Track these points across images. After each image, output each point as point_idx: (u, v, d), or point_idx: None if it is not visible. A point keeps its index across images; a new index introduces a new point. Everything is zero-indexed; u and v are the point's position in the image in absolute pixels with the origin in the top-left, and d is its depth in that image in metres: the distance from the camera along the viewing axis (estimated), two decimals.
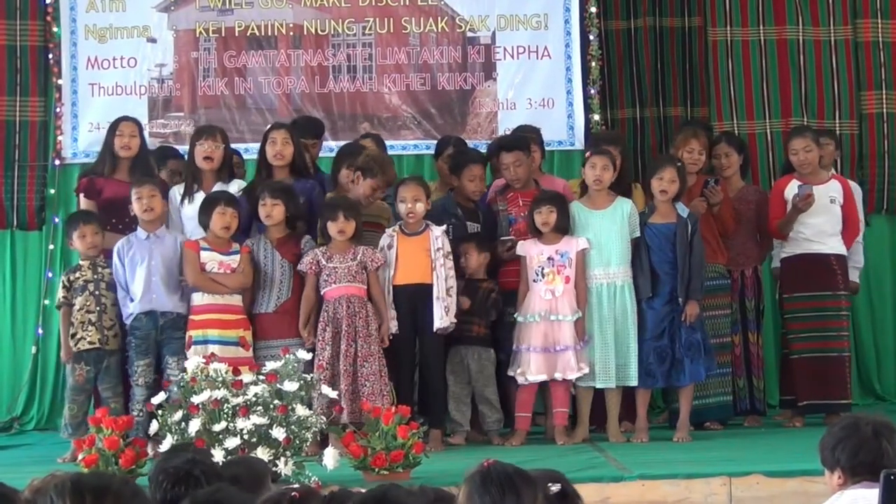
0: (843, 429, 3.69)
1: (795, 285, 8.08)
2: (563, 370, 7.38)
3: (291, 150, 7.68)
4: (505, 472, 3.10)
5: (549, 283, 7.43)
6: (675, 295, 7.47)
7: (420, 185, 7.45)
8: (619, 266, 7.50)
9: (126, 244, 7.39)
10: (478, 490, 3.07)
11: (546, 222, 7.43)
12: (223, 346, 7.11)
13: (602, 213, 7.54)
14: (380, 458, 5.94)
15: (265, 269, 7.34)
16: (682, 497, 5.81)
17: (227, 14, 9.37)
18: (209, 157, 7.68)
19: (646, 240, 7.52)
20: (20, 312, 9.39)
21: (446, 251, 7.32)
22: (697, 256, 7.51)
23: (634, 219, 7.52)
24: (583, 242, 7.46)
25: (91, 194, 7.85)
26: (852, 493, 3.60)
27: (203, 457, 3.84)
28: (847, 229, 8.14)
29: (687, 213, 7.53)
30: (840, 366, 8.04)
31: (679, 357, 7.44)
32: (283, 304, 7.34)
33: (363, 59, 9.39)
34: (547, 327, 7.41)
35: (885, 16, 9.53)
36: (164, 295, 7.32)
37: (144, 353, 7.27)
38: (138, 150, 7.87)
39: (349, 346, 7.12)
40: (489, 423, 7.51)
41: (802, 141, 8.14)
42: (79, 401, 7.39)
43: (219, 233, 7.29)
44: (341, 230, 7.20)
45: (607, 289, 7.49)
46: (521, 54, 9.37)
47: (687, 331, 7.45)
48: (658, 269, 7.51)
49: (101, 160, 7.96)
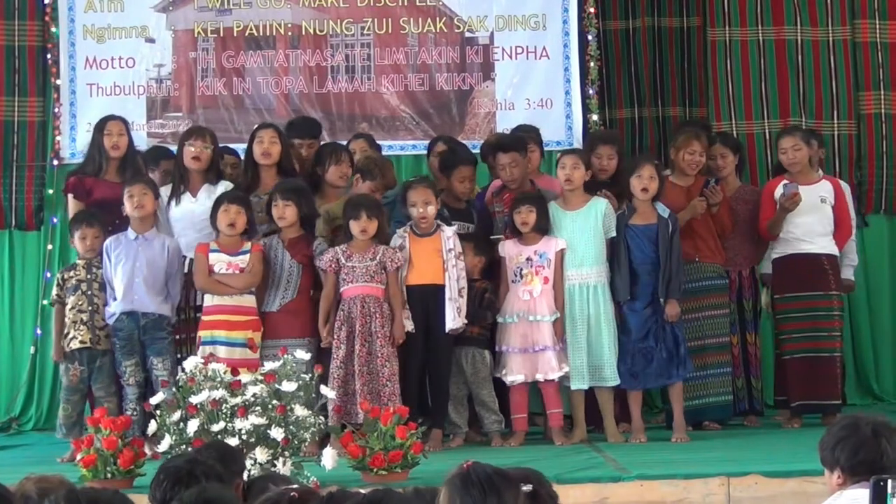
0: (843, 428, 3.70)
1: (787, 286, 8.07)
2: (544, 371, 7.39)
3: (279, 150, 7.68)
4: (485, 472, 3.10)
5: (527, 283, 7.44)
6: (657, 296, 7.46)
7: (429, 188, 7.43)
8: (592, 267, 7.49)
9: (114, 242, 7.38)
10: (458, 492, 3.06)
11: (525, 222, 7.43)
12: (230, 348, 7.12)
13: (575, 214, 7.54)
14: (378, 458, 5.94)
15: (274, 269, 7.35)
16: (681, 497, 5.81)
17: (226, 14, 9.37)
18: (197, 158, 7.67)
19: (626, 241, 7.51)
20: (18, 313, 9.39)
21: (458, 252, 7.32)
22: (677, 256, 7.50)
23: (610, 219, 7.50)
24: (561, 243, 7.46)
25: (80, 195, 7.83)
26: (852, 493, 3.60)
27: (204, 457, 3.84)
28: (839, 230, 8.12)
29: (668, 213, 7.53)
30: (831, 366, 8.03)
31: (664, 357, 7.44)
32: (287, 303, 7.34)
33: (361, 59, 9.39)
34: (526, 328, 7.41)
35: (883, 16, 9.54)
36: (146, 296, 7.29)
37: (129, 353, 7.27)
38: (126, 149, 7.85)
39: (363, 346, 7.12)
40: (488, 425, 7.51)
41: (791, 140, 8.14)
42: (73, 401, 7.39)
43: (225, 230, 7.28)
44: (364, 229, 7.20)
45: (580, 290, 7.48)
46: (520, 55, 9.37)
47: (670, 330, 7.44)
48: (639, 269, 7.50)
49: (90, 160, 7.93)
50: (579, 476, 5.92)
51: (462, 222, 7.73)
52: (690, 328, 7.74)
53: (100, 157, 7.82)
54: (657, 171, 7.54)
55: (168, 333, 7.33)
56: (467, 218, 7.81)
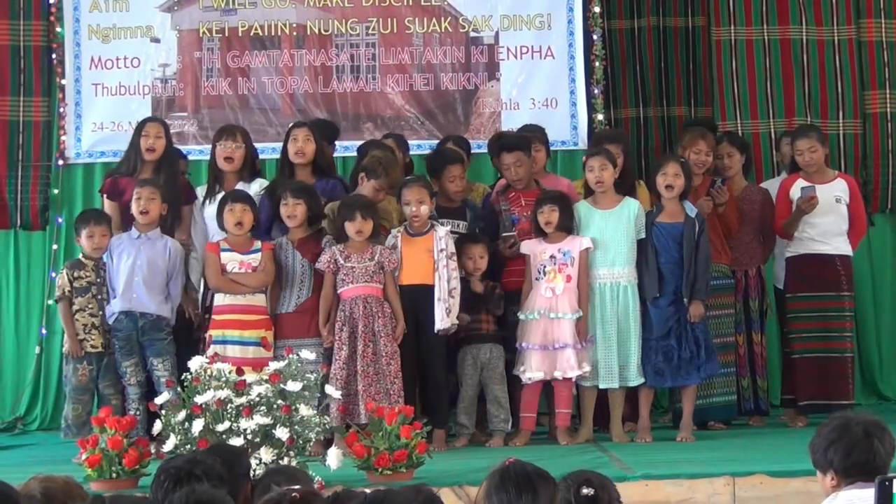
0: (834, 430, 3.68)
1: (799, 285, 8.07)
2: (563, 369, 7.38)
3: (313, 148, 7.69)
4: (524, 471, 3.16)
5: (549, 280, 7.44)
6: (680, 295, 7.47)
7: (424, 187, 7.44)
8: (623, 266, 7.50)
9: (117, 241, 7.39)
10: (495, 487, 3.13)
11: (549, 222, 7.44)
12: (243, 347, 7.13)
13: (608, 213, 7.55)
14: (383, 458, 5.94)
15: (286, 269, 7.36)
16: (686, 497, 5.81)
17: (231, 14, 9.38)
18: (229, 158, 7.70)
19: (652, 239, 7.52)
20: (24, 312, 9.39)
21: (450, 252, 7.32)
22: (703, 256, 7.51)
23: (641, 220, 7.52)
24: (586, 242, 7.46)
25: (114, 195, 7.78)
26: (847, 494, 3.59)
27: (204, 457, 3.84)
28: (853, 228, 8.14)
29: (695, 213, 7.53)
30: (842, 366, 8.03)
31: (685, 357, 7.44)
32: (303, 303, 7.34)
33: (366, 59, 9.39)
34: (546, 325, 7.41)
35: (888, 16, 9.52)
36: (146, 296, 7.29)
37: (129, 353, 7.28)
38: (164, 152, 7.82)
39: (366, 346, 7.12)
40: (496, 423, 7.50)
41: (807, 141, 8.13)
42: (83, 401, 7.39)
43: (232, 230, 7.29)
44: (359, 230, 7.21)
45: (611, 289, 7.49)
46: (525, 54, 9.37)
47: (692, 330, 7.45)
48: (664, 268, 7.51)
49: (126, 160, 7.88)
50: None
51: (454, 220, 7.73)
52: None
53: (135, 158, 7.76)
54: (682, 169, 7.54)
55: (167, 334, 7.33)
56: (460, 216, 7.80)
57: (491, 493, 3.15)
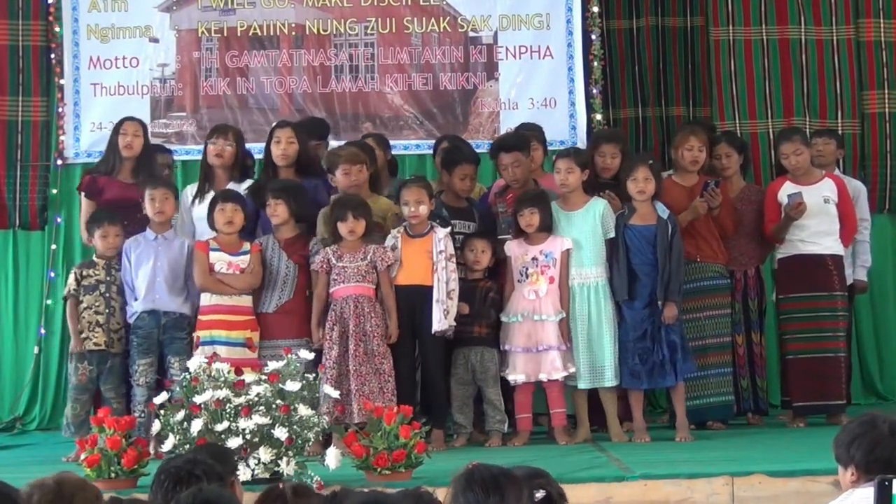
0: (860, 426, 3.69)
1: (791, 286, 8.06)
2: (547, 371, 7.39)
3: (296, 149, 7.70)
4: (490, 472, 3.13)
5: (532, 283, 7.44)
6: (656, 297, 7.45)
7: (423, 188, 7.43)
8: (592, 267, 7.49)
9: (134, 243, 7.43)
10: (462, 491, 3.10)
11: (529, 224, 7.44)
12: (230, 347, 7.14)
13: (575, 214, 7.54)
14: (382, 457, 5.93)
15: (270, 268, 7.36)
16: (685, 497, 5.80)
17: (229, 14, 9.38)
18: (219, 155, 7.74)
19: (625, 241, 7.50)
20: (22, 312, 9.40)
21: (449, 253, 7.31)
22: (676, 257, 7.49)
23: (608, 220, 7.50)
24: (567, 242, 7.46)
25: (92, 194, 7.87)
26: (863, 492, 3.59)
27: (204, 457, 3.84)
28: (844, 227, 8.11)
29: (667, 214, 7.52)
30: (836, 366, 8.02)
31: (660, 358, 7.43)
32: (283, 304, 7.36)
33: (365, 58, 9.40)
34: (530, 327, 7.41)
35: (887, 15, 9.53)
36: (167, 295, 7.35)
37: (146, 352, 7.29)
38: (141, 151, 7.87)
39: (357, 345, 7.12)
40: (492, 424, 7.49)
41: (791, 145, 8.10)
42: (82, 400, 7.41)
43: (223, 229, 7.31)
44: (351, 230, 7.21)
45: (580, 289, 7.48)
46: (523, 54, 9.37)
47: (667, 332, 7.44)
48: (638, 270, 7.49)
49: (105, 159, 7.99)
50: (583, 476, 5.91)
51: (463, 221, 7.73)
52: (691, 328, 7.74)
53: (114, 157, 7.86)
54: (652, 172, 7.52)
55: (187, 334, 7.36)
56: (468, 216, 7.80)
57: (458, 497, 3.12)
